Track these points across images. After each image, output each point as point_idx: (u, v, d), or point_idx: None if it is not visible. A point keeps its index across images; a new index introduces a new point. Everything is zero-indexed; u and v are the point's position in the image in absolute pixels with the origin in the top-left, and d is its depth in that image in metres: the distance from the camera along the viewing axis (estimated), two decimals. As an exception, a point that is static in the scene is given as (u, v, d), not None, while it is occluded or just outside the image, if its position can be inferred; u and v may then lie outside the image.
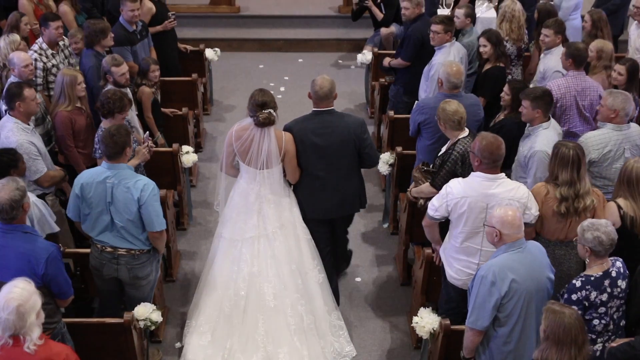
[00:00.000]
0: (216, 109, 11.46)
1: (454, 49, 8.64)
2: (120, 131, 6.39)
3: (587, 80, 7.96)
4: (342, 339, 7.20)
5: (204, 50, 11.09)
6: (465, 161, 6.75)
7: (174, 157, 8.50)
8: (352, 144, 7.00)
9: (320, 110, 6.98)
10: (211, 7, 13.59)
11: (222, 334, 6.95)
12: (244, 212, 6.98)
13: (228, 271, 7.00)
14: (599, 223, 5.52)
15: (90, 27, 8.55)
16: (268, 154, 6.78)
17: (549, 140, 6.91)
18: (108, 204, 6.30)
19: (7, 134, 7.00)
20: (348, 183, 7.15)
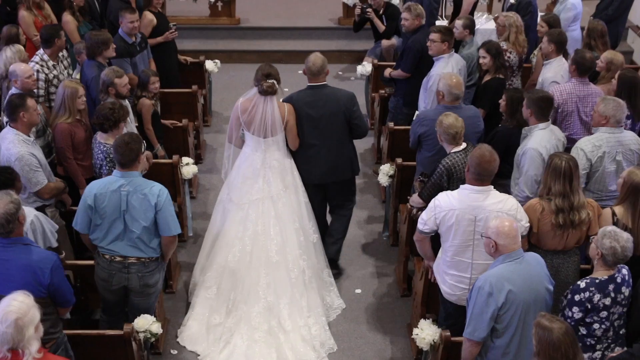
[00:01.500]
0: (216, 121, 11.47)
1: (453, 60, 8.65)
2: (134, 138, 6.47)
3: (589, 87, 8.01)
4: (333, 294, 7.96)
5: (204, 62, 11.11)
6: (452, 176, 6.81)
7: (174, 169, 8.50)
8: (343, 115, 7.71)
9: (314, 84, 7.75)
10: (211, 19, 13.61)
11: (226, 287, 7.53)
12: (250, 178, 7.63)
13: (235, 231, 7.61)
14: (621, 235, 5.53)
15: (93, 39, 8.56)
16: (272, 121, 7.48)
17: (543, 140, 7.01)
18: (123, 212, 6.34)
19: (7, 146, 7.00)
20: (340, 151, 7.83)
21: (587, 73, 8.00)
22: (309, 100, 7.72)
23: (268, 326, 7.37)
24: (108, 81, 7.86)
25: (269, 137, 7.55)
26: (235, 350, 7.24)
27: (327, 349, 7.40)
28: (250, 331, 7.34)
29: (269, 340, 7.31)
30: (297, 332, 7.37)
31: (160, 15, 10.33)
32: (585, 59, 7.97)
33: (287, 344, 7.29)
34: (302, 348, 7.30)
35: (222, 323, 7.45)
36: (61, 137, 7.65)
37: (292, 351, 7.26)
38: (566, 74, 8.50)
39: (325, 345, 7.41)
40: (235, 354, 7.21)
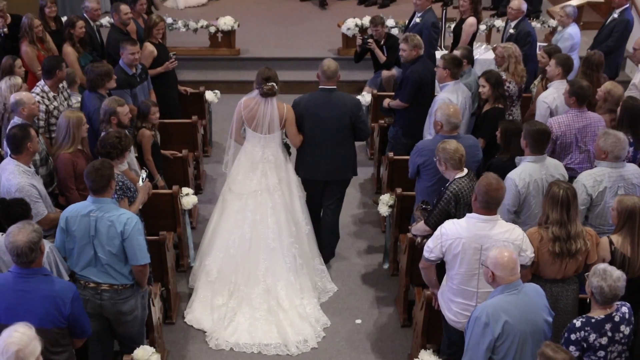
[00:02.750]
0: (216, 151, 11.49)
1: (460, 88, 8.68)
2: (105, 164, 6.44)
3: (588, 117, 8.04)
4: (325, 279, 8.63)
5: (204, 93, 11.15)
6: (460, 201, 6.80)
7: (174, 199, 8.50)
8: (349, 118, 8.32)
9: (325, 87, 8.35)
10: (211, 50, 13.69)
11: (227, 271, 8.18)
12: (249, 171, 8.26)
13: (234, 219, 8.26)
14: (610, 273, 5.48)
15: (94, 71, 8.59)
16: (270, 120, 8.10)
17: (525, 172, 7.07)
18: (92, 238, 6.32)
19: (8, 177, 7.02)
20: (342, 151, 8.47)
21: (585, 102, 8.04)
22: (319, 102, 8.33)
23: (267, 306, 8.02)
24: (111, 110, 7.88)
25: (267, 134, 8.16)
26: (238, 327, 7.87)
27: (322, 324, 8.05)
28: (252, 311, 7.99)
29: (269, 318, 7.96)
30: (295, 310, 8.03)
31: (161, 46, 10.38)
32: (584, 88, 8.00)
33: (286, 321, 7.92)
34: (299, 324, 7.95)
35: (225, 304, 8.05)
36: (63, 167, 7.67)
37: (291, 327, 7.89)
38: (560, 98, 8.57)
39: (320, 321, 8.07)
40: (239, 330, 7.84)
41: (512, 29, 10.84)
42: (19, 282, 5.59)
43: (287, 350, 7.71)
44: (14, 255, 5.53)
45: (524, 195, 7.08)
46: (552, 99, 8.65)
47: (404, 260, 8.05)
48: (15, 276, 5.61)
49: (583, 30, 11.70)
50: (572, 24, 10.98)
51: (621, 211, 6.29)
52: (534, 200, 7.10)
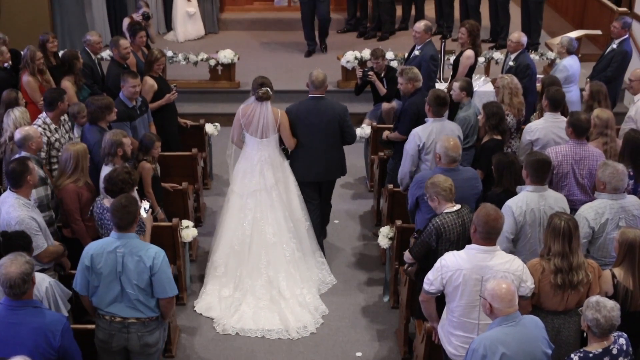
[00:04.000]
0: (216, 184, 11.50)
1: (436, 129, 8.59)
2: (132, 201, 6.52)
3: (587, 149, 8.05)
4: (325, 272, 9.25)
5: (204, 125, 11.18)
6: (442, 236, 6.84)
7: (174, 232, 8.51)
8: (337, 123, 9.00)
9: (314, 96, 9.04)
10: (211, 83, 13.74)
11: (233, 266, 8.82)
12: (249, 172, 8.88)
13: (236, 218, 8.90)
14: (604, 305, 5.48)
15: (95, 104, 8.64)
16: (266, 124, 8.74)
17: (522, 200, 7.10)
18: (119, 274, 6.34)
19: (7, 210, 7.03)
20: (333, 154, 9.15)
21: (583, 135, 8.06)
22: (310, 108, 9.00)
23: (270, 296, 8.66)
24: (117, 141, 7.93)
25: (264, 138, 8.79)
26: (243, 316, 8.52)
27: (321, 312, 8.68)
28: (256, 300, 8.64)
29: (272, 306, 8.60)
30: (295, 299, 8.66)
31: (161, 79, 10.42)
32: (581, 120, 8.03)
33: (288, 309, 8.55)
34: (300, 312, 8.59)
35: (232, 295, 8.70)
36: (69, 198, 7.73)
37: (292, 314, 8.52)
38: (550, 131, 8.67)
39: (318, 309, 8.70)
40: (244, 318, 8.49)
41: (511, 62, 10.89)
42: (9, 314, 5.60)
43: (288, 334, 8.34)
44: (6, 287, 5.54)
45: (521, 224, 7.09)
46: (534, 130, 8.77)
47: (404, 292, 8.02)
48: (6, 308, 5.62)
49: (582, 62, 11.75)
50: (569, 56, 11.04)
51: (622, 243, 6.29)
52: (530, 230, 7.12)
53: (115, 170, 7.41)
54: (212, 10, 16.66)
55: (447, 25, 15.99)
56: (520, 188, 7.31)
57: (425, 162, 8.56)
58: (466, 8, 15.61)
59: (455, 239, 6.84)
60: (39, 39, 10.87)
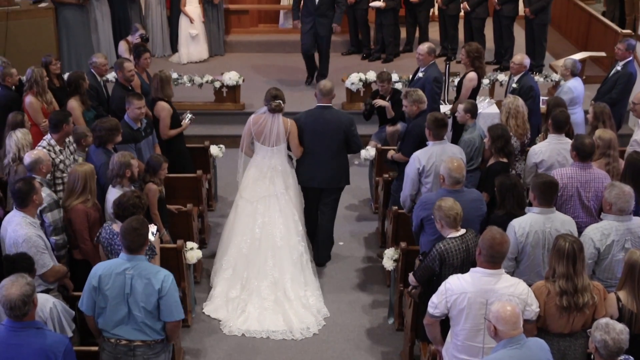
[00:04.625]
0: (221, 205, 11.50)
1: (436, 152, 8.60)
2: (143, 224, 6.53)
3: (592, 172, 8.05)
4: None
5: (209, 147, 11.20)
6: (445, 261, 6.83)
7: (179, 254, 8.50)
8: (343, 132, 9.39)
9: (322, 105, 9.44)
10: (216, 104, 13.77)
11: (240, 267, 9.15)
12: (259, 179, 9.31)
13: (246, 222, 9.28)
14: (613, 327, 5.45)
15: (103, 126, 8.68)
16: (277, 134, 9.15)
17: (526, 221, 7.12)
18: (126, 296, 6.35)
19: (14, 228, 7.08)
20: (337, 161, 9.54)
21: (588, 158, 8.06)
22: (317, 117, 9.41)
23: (275, 297, 8.97)
24: (125, 163, 7.96)
25: (274, 147, 9.20)
26: (249, 317, 8.80)
27: (323, 314, 8.98)
28: (261, 301, 8.94)
29: (276, 308, 8.90)
30: (299, 301, 8.97)
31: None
32: (585, 145, 8.03)
33: (291, 310, 8.86)
34: (303, 313, 8.88)
35: (238, 296, 9.01)
36: (78, 219, 7.76)
37: (296, 316, 8.81)
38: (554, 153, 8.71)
39: (321, 312, 9.00)
40: (250, 319, 8.77)
41: (515, 84, 10.90)
42: (11, 335, 5.60)
43: (292, 335, 8.62)
44: (7, 309, 5.55)
45: (522, 245, 7.08)
46: (538, 152, 8.81)
47: (409, 315, 8.00)
48: (8, 330, 5.62)
49: (586, 84, 11.78)
50: (573, 78, 11.06)
51: (626, 263, 6.28)
52: (533, 251, 7.11)
53: (125, 195, 7.42)
54: (218, 32, 16.74)
55: (452, 48, 16.04)
56: (528, 209, 7.31)
57: (425, 185, 8.57)
58: (470, 30, 15.68)
59: (459, 264, 6.82)
60: (42, 60, 10.94)
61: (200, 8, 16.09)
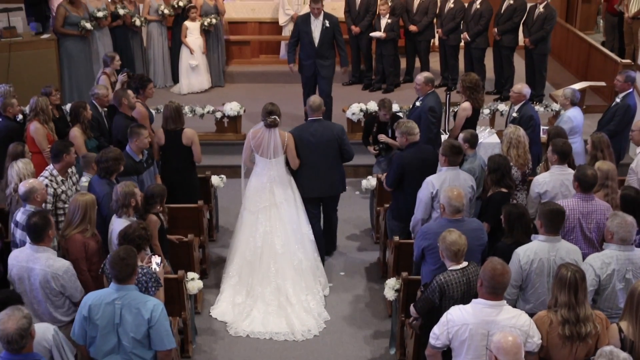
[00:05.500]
0: (222, 236, 11.49)
1: (450, 177, 8.69)
2: (130, 254, 6.52)
3: (594, 203, 8.05)
4: (323, 279, 10.01)
5: (210, 177, 11.21)
6: (445, 294, 6.83)
7: (179, 284, 8.48)
8: (336, 142, 9.93)
9: (314, 118, 9.99)
10: (217, 135, 13.81)
11: (245, 274, 9.64)
12: (259, 190, 9.75)
13: (248, 231, 9.74)
14: (617, 355, 5.46)
15: (108, 156, 8.71)
16: (275, 146, 9.61)
17: (531, 250, 7.14)
18: (116, 326, 6.35)
19: (49, 263, 7.26)
20: (333, 171, 10.07)
21: (590, 189, 8.08)
22: (310, 130, 9.92)
23: (278, 302, 9.43)
24: (130, 192, 8.01)
25: (272, 159, 9.63)
26: (254, 320, 9.29)
27: (323, 317, 9.45)
28: (265, 306, 9.42)
29: (279, 312, 9.37)
30: (300, 305, 9.44)
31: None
32: (587, 175, 8.04)
33: (294, 314, 9.33)
34: (305, 317, 9.35)
35: (244, 302, 9.50)
36: (75, 248, 7.77)
37: (298, 319, 9.28)
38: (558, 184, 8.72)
39: (321, 315, 9.47)
40: (254, 322, 9.26)
41: (515, 113, 10.94)
42: None
43: (294, 337, 9.10)
44: (4, 343, 5.55)
45: (527, 272, 7.08)
46: (542, 183, 8.83)
47: (411, 345, 7.98)
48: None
49: (586, 114, 11.80)
50: (573, 107, 11.10)
51: (629, 295, 6.27)
52: (538, 279, 7.11)
53: (130, 226, 7.42)
54: (219, 63, 16.82)
55: (452, 78, 16.11)
56: (534, 237, 7.31)
57: (436, 209, 8.57)
58: (471, 60, 15.76)
59: (460, 296, 6.81)
60: (42, 91, 10.98)
61: (202, 39, 16.18)
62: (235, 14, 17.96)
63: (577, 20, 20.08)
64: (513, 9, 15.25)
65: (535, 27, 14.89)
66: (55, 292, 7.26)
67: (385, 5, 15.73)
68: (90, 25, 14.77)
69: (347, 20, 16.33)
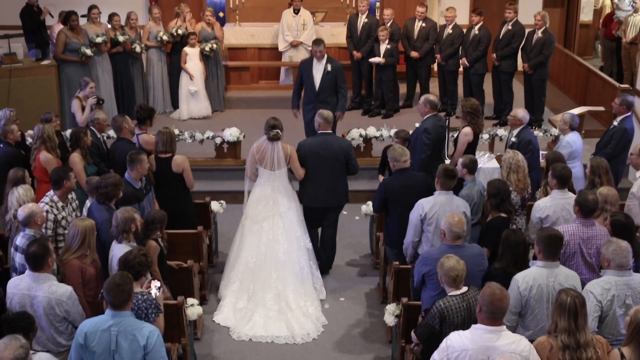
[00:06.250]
0: (222, 261, 11.44)
1: (441, 202, 8.69)
2: (125, 280, 6.49)
3: (595, 228, 8.05)
4: (319, 285, 10.43)
5: (209, 203, 11.22)
6: (445, 319, 6.82)
7: (179, 310, 8.46)
8: (343, 156, 10.41)
9: (323, 132, 10.48)
10: (217, 160, 13.82)
11: (247, 281, 10.03)
12: (263, 200, 10.21)
13: (252, 239, 10.15)
14: None
15: (106, 182, 8.70)
16: (278, 159, 10.11)
17: (530, 275, 7.13)
18: (112, 352, 6.32)
19: (52, 289, 7.24)
20: (338, 182, 10.50)
21: (590, 214, 8.07)
22: (320, 143, 10.39)
23: (278, 307, 9.82)
24: (130, 218, 8.01)
25: (276, 171, 10.11)
26: (255, 324, 9.65)
27: (321, 322, 9.82)
28: (266, 311, 9.80)
29: (280, 316, 9.74)
30: (300, 310, 9.83)
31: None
32: (588, 200, 8.05)
33: (293, 319, 9.70)
34: (304, 321, 9.72)
35: (245, 307, 9.87)
36: (72, 273, 7.74)
37: (297, 323, 9.65)
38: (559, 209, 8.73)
39: (319, 320, 9.84)
40: (256, 326, 9.63)
41: (513, 138, 10.96)
42: None
43: (294, 340, 9.45)
44: None
45: (526, 299, 7.07)
46: (543, 208, 8.83)
47: (411, 371, 7.95)
48: None
49: (585, 139, 11.83)
50: (572, 132, 11.13)
51: (632, 322, 6.23)
52: (537, 305, 7.09)
53: (131, 252, 7.41)
54: (218, 88, 16.87)
55: (451, 103, 16.16)
56: (532, 263, 7.30)
57: (426, 232, 8.61)
58: (470, 85, 15.83)
59: (460, 322, 6.80)
60: (41, 117, 11.00)
61: (202, 65, 16.25)
62: (235, 40, 18.05)
63: (576, 46, 20.18)
64: (511, 35, 15.33)
65: (534, 52, 14.96)
66: (59, 318, 7.24)
67: (384, 31, 15.81)
68: (90, 52, 14.86)
69: (349, 46, 16.44)
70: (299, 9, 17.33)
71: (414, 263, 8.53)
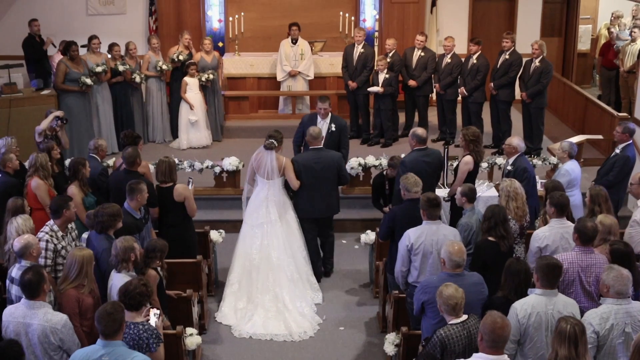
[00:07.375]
0: (221, 290, 11.43)
1: (428, 231, 8.70)
2: (117, 309, 6.49)
3: (593, 257, 8.03)
4: (315, 291, 11.15)
5: (208, 232, 11.22)
6: (446, 348, 6.79)
7: (178, 340, 8.43)
8: (335, 169, 11.15)
9: (314, 147, 11.20)
10: (216, 190, 13.82)
11: (245, 283, 10.70)
12: (257, 207, 10.84)
13: (247, 244, 10.81)
14: None
15: (106, 212, 8.69)
16: (271, 168, 10.70)
17: (528, 303, 7.11)
18: None
19: (47, 317, 7.18)
20: (331, 194, 11.29)
21: (589, 242, 8.07)
22: (312, 157, 11.10)
23: (276, 308, 10.47)
24: (129, 247, 7.99)
25: (270, 180, 10.72)
26: (256, 323, 10.31)
27: (316, 321, 10.51)
28: (265, 312, 10.44)
29: (278, 316, 10.39)
30: (296, 310, 10.50)
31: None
32: (587, 228, 8.04)
33: (291, 318, 10.36)
34: (300, 320, 10.41)
35: (245, 307, 10.55)
36: (68, 303, 7.70)
37: (295, 322, 10.32)
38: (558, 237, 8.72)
39: (314, 319, 10.52)
40: (256, 325, 10.29)
41: (509, 166, 10.95)
42: None
43: (292, 338, 10.13)
44: None
45: (524, 326, 7.05)
46: (542, 237, 8.81)
47: (411, 400, 7.92)
48: None
49: (584, 167, 11.85)
50: (570, 160, 11.15)
51: (635, 344, 6.22)
52: (536, 333, 7.07)
53: (131, 282, 7.37)
54: (216, 118, 16.91)
55: (450, 132, 16.20)
56: (531, 291, 7.29)
57: (413, 262, 8.64)
58: (468, 114, 15.86)
59: (461, 350, 6.78)
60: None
61: (201, 94, 16.30)
62: (234, 70, 18.11)
63: (574, 74, 20.26)
64: (509, 64, 15.39)
65: (532, 81, 15.01)
66: (54, 346, 7.20)
67: (383, 61, 15.88)
68: (90, 81, 14.92)
69: (344, 76, 16.49)
70: (296, 38, 17.41)
71: (407, 291, 8.54)
